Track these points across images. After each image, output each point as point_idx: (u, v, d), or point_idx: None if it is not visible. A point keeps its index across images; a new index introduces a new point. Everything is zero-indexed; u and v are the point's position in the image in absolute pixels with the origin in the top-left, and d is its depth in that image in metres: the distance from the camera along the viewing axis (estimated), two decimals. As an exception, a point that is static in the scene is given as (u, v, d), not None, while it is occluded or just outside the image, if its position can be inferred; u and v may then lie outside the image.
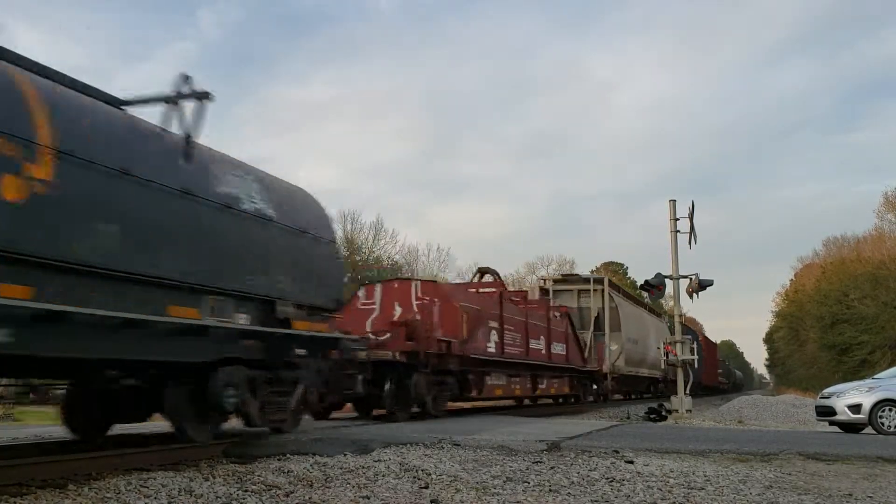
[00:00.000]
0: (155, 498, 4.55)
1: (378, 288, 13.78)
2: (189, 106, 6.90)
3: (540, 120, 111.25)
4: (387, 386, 11.55)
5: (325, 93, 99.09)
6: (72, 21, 77.66)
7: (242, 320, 7.31)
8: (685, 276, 18.88)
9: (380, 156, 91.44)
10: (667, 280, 18.98)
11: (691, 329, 33.46)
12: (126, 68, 75.67)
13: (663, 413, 16.85)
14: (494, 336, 14.61)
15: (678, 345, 18.42)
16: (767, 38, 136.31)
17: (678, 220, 19.04)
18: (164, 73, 78.82)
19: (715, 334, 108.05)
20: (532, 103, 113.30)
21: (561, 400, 21.19)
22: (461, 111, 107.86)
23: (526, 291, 22.13)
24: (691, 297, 18.79)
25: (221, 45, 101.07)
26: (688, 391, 18.32)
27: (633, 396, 31.71)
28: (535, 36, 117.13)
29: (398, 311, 13.15)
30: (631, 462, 6.51)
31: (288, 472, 5.52)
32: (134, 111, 6.91)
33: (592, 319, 23.57)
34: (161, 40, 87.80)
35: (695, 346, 18.71)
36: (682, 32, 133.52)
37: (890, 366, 21.58)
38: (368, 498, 4.75)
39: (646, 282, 19.12)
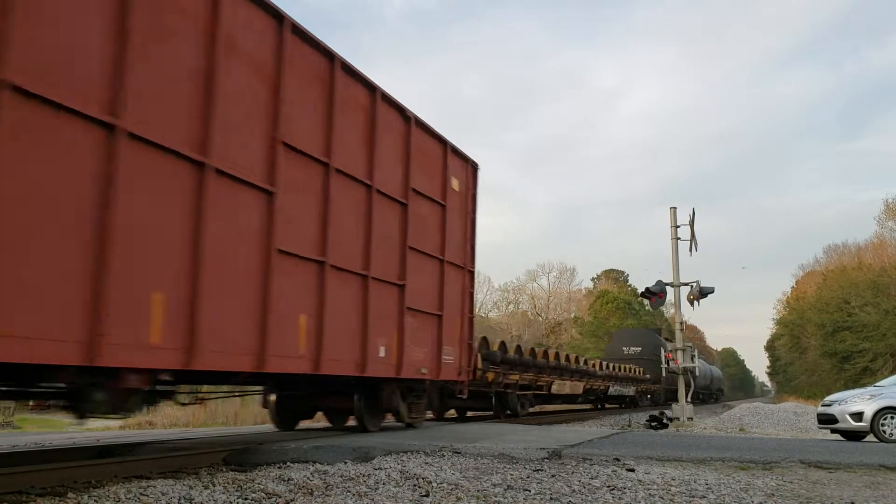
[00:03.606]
0: (155, 506, 4.54)
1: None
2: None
3: (543, 127, 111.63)
4: None
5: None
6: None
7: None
8: (686, 284, 18.91)
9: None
10: (668, 287, 19.00)
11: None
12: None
13: (664, 421, 16.82)
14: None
15: (679, 352, 18.40)
16: (772, 46, 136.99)
17: (679, 227, 19.09)
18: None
19: (716, 342, 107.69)
20: (536, 110, 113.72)
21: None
22: (465, 118, 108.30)
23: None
24: (692, 304, 18.81)
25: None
26: (688, 401, 18.30)
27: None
28: (539, 44, 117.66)
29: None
30: (632, 470, 6.49)
31: (288, 479, 5.50)
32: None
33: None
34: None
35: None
36: (687, 40, 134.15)
37: (892, 373, 21.56)
38: (369, 506, 4.73)
39: (647, 289, 19.13)
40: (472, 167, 11.55)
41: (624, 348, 34.63)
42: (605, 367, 25.85)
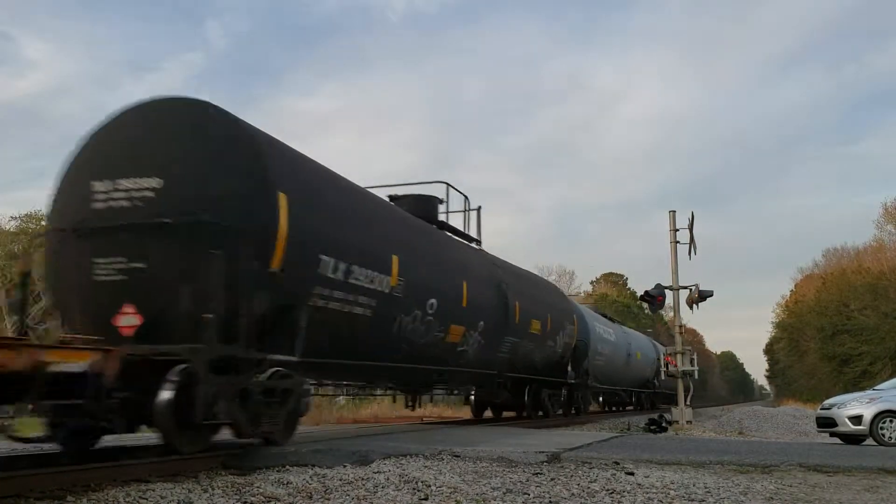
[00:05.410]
0: (153, 510, 4.54)
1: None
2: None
3: (543, 131, 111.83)
4: None
5: (330, 104, 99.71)
6: (80, 32, 77.97)
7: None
8: (685, 287, 18.92)
9: (383, 166, 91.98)
10: (667, 291, 19.00)
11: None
12: (133, 78, 75.81)
13: (664, 424, 16.82)
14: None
15: (679, 356, 18.41)
16: (772, 50, 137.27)
17: (678, 230, 19.09)
18: (170, 83, 78.90)
19: (715, 345, 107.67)
20: (536, 115, 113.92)
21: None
22: (465, 122, 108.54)
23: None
24: (691, 307, 18.82)
25: (228, 55, 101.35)
26: (689, 402, 18.29)
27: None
28: (539, 48, 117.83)
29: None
30: (631, 473, 6.49)
31: (287, 483, 5.50)
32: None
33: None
34: (169, 51, 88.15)
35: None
36: (686, 45, 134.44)
37: (891, 377, 21.56)
38: (368, 510, 4.73)
39: (646, 292, 19.14)
40: None
41: (95, 185, 6.78)
42: None
